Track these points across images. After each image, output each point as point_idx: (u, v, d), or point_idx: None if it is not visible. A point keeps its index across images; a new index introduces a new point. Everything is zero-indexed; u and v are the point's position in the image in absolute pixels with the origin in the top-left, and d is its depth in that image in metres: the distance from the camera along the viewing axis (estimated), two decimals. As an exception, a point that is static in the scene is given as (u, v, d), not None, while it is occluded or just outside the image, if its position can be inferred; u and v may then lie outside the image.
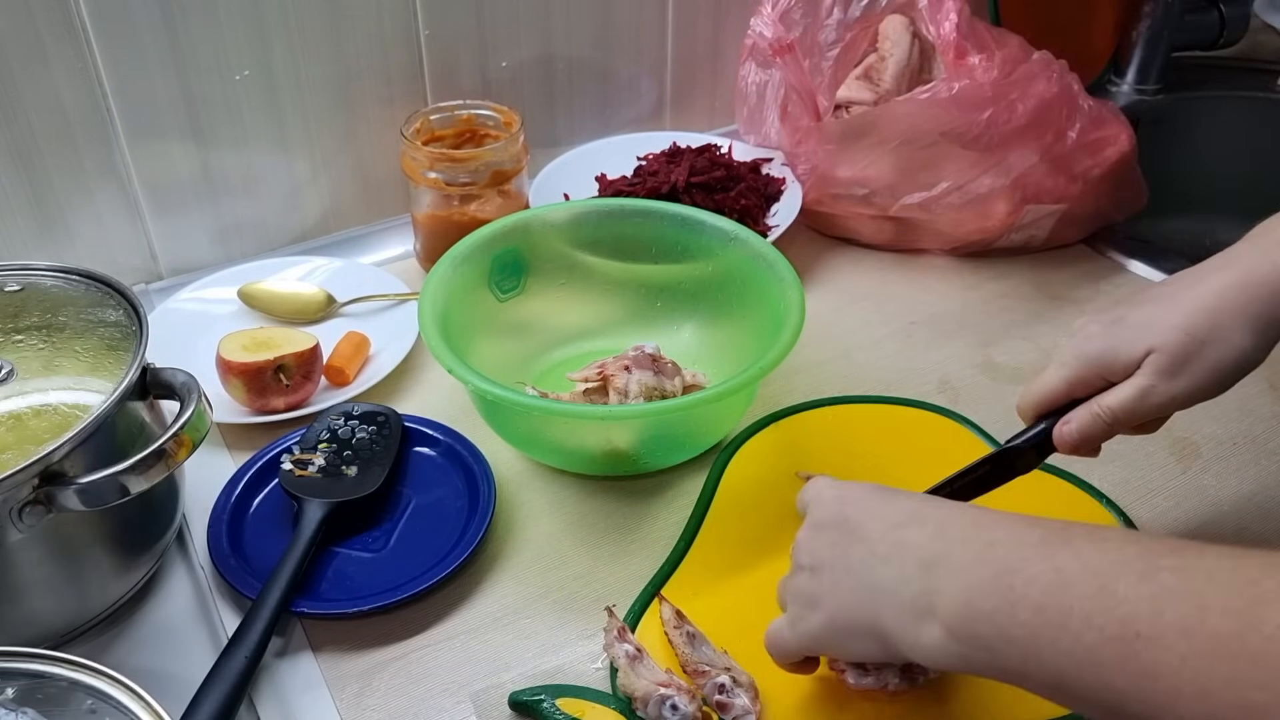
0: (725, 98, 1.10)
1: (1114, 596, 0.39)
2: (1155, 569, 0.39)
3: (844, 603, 0.49)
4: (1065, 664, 0.40)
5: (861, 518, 0.51)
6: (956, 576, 0.45)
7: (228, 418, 0.76)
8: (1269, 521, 0.70)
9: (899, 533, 0.49)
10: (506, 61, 0.98)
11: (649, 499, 0.72)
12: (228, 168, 0.90)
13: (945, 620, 0.44)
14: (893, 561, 0.48)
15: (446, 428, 0.74)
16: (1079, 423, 0.58)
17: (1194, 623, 0.37)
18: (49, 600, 0.60)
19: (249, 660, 0.58)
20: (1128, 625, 0.38)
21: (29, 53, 0.78)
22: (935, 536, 0.47)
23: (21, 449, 0.55)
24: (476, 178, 0.88)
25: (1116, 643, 0.38)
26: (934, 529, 0.47)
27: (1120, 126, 0.93)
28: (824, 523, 0.52)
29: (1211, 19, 1.19)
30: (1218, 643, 0.36)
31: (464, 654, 0.62)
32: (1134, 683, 0.38)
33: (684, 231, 0.80)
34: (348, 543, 0.68)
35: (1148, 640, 0.38)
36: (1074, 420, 0.58)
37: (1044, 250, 0.97)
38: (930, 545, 0.47)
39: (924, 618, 0.45)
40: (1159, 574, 0.39)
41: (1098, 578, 0.40)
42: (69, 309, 0.64)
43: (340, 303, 0.88)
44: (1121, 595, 0.39)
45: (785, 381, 0.81)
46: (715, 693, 0.57)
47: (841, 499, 0.53)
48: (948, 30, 0.90)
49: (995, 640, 0.43)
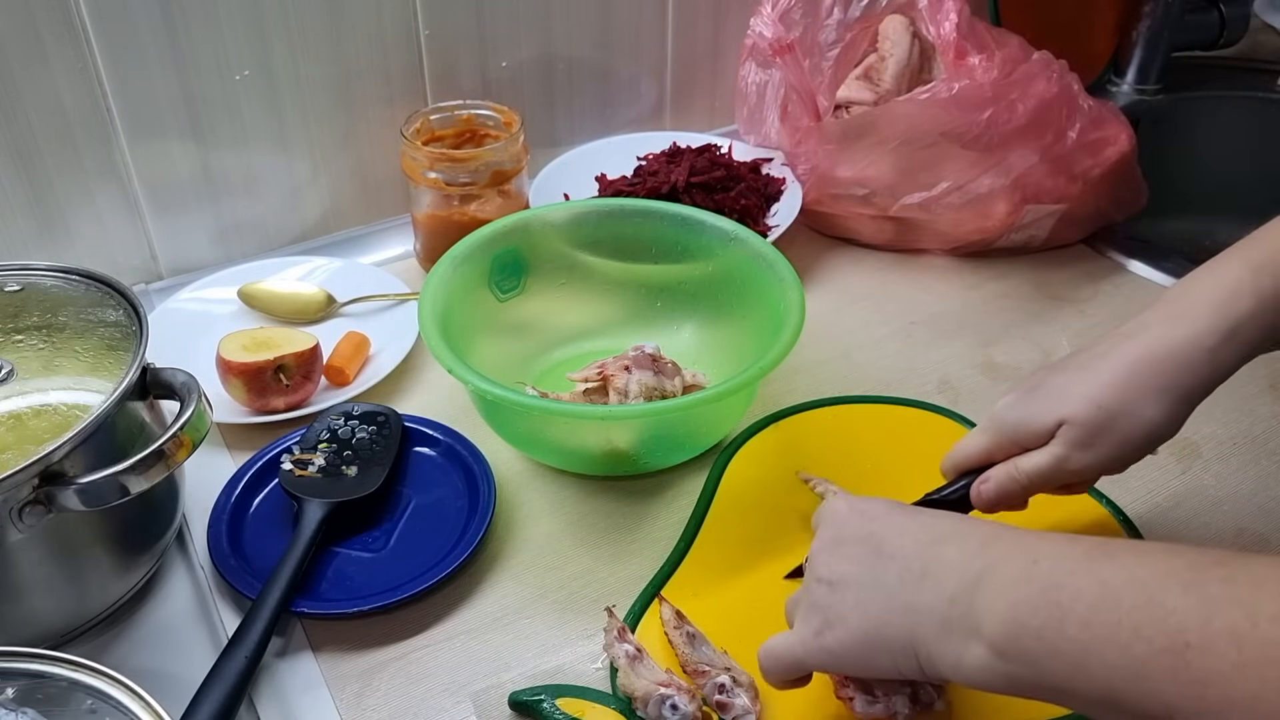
0: (725, 98, 1.10)
1: (1162, 608, 0.39)
2: (1202, 579, 0.39)
3: (874, 619, 0.48)
4: (1114, 678, 0.40)
5: (888, 533, 0.50)
6: (1002, 594, 0.44)
7: (228, 418, 0.76)
8: (1269, 521, 0.70)
9: (936, 549, 0.48)
10: (506, 61, 0.98)
11: (649, 499, 0.72)
12: (228, 168, 0.90)
13: (991, 638, 0.44)
14: (930, 578, 0.47)
15: (446, 428, 0.74)
16: (996, 483, 0.59)
17: (1244, 629, 0.37)
18: (49, 600, 0.60)
19: (249, 660, 0.58)
20: (1177, 636, 0.38)
21: (29, 53, 0.78)
22: (977, 554, 0.46)
23: (21, 449, 0.55)
24: (476, 178, 0.88)
25: (1166, 654, 0.38)
26: (975, 546, 0.47)
27: (1120, 126, 0.93)
28: (846, 538, 0.51)
29: (1211, 19, 1.19)
30: (1269, 649, 0.36)
31: (464, 654, 0.62)
32: (1184, 693, 0.38)
33: (684, 231, 0.80)
34: (348, 543, 0.68)
35: (1198, 650, 0.37)
36: (992, 480, 0.59)
37: (1044, 250, 0.97)
38: (973, 563, 0.46)
39: (968, 637, 0.44)
40: (1206, 584, 0.39)
41: (1145, 590, 0.40)
42: (69, 309, 0.64)
43: (340, 303, 0.88)
44: (1170, 606, 0.39)
45: (785, 381, 0.81)
46: (715, 693, 0.57)
47: (863, 514, 0.52)
48: (948, 30, 0.90)
49: (1043, 656, 0.42)
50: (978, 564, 0.46)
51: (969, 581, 0.45)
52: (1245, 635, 0.37)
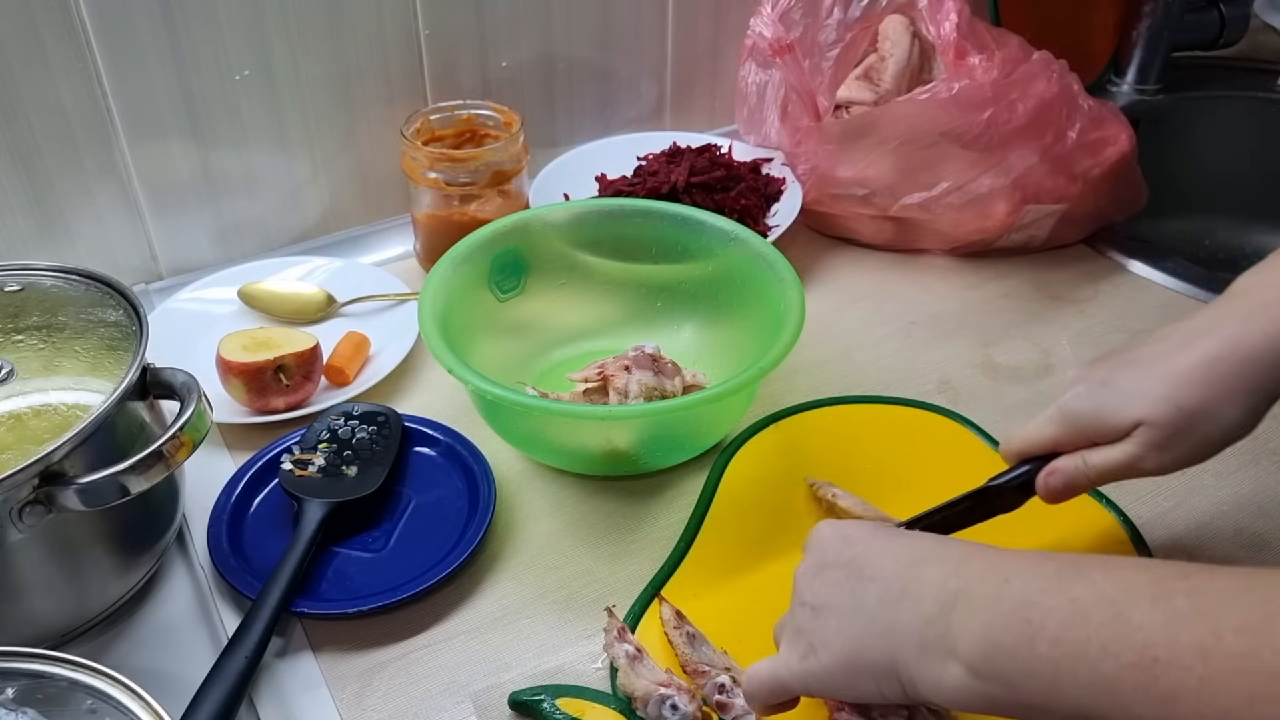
0: (725, 98, 1.10)
1: (1129, 623, 0.39)
2: (1168, 593, 0.39)
3: (856, 642, 0.48)
4: (1085, 695, 0.40)
5: (869, 556, 0.50)
6: (976, 614, 0.44)
7: (228, 418, 0.76)
8: (1269, 521, 0.70)
9: (915, 570, 0.48)
10: (506, 61, 0.98)
11: (649, 499, 0.72)
12: (228, 168, 0.90)
13: (966, 658, 0.44)
14: (909, 599, 0.47)
15: (446, 428, 0.74)
16: (1065, 476, 0.58)
17: (1209, 643, 0.37)
18: (49, 600, 0.60)
19: (249, 660, 0.58)
20: (1144, 651, 0.38)
21: (29, 53, 0.78)
22: (953, 574, 0.46)
23: (21, 449, 0.55)
24: (476, 178, 0.88)
25: (1134, 669, 0.38)
26: (952, 566, 0.47)
27: (1120, 126, 0.93)
28: (829, 562, 0.51)
29: (1211, 19, 1.19)
30: (1234, 661, 0.36)
31: (464, 654, 0.62)
32: (1155, 708, 0.38)
33: (684, 231, 0.80)
34: (348, 543, 0.68)
35: (1165, 665, 0.37)
36: (1059, 474, 0.59)
37: (1044, 250, 0.97)
38: (949, 583, 0.46)
39: (946, 657, 0.44)
40: (1172, 598, 0.39)
41: (1113, 606, 0.40)
42: (69, 309, 0.64)
43: (340, 303, 0.88)
44: (1137, 622, 0.39)
45: (785, 381, 0.81)
46: (715, 693, 0.57)
47: (845, 538, 0.52)
48: (948, 30, 0.90)
49: (1016, 675, 0.42)
50: (954, 583, 0.46)
51: (945, 602, 0.45)
52: (1211, 648, 0.37)
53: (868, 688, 0.48)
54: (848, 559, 0.51)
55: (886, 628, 0.47)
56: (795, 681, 0.51)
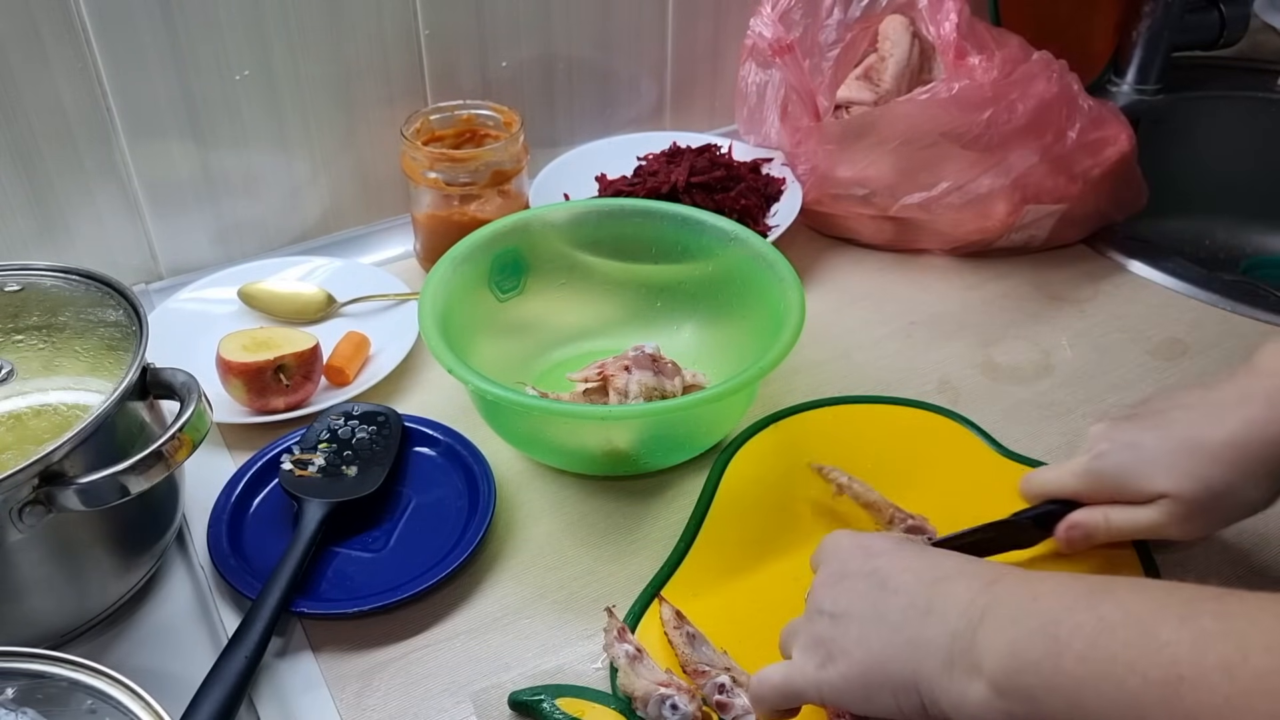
0: (725, 98, 1.10)
1: (1156, 640, 0.39)
2: (1197, 613, 0.39)
3: (878, 653, 0.48)
4: (1110, 713, 0.40)
5: (893, 569, 0.50)
6: (1002, 630, 0.44)
7: (228, 418, 0.76)
8: (1269, 521, 0.70)
9: (942, 586, 0.48)
10: (506, 61, 0.98)
11: (649, 499, 0.72)
12: (228, 168, 0.90)
13: (991, 675, 0.44)
14: (935, 614, 0.47)
15: (446, 428, 0.74)
16: (1087, 531, 0.61)
17: (1236, 661, 0.37)
18: (49, 600, 0.60)
19: (249, 660, 0.58)
20: (1170, 669, 0.38)
21: (29, 53, 0.78)
22: (983, 591, 0.46)
23: (21, 449, 0.55)
24: (476, 178, 0.88)
25: (1160, 686, 0.38)
26: (981, 585, 0.47)
27: (1120, 126, 0.93)
28: (850, 572, 0.51)
29: (1211, 19, 1.19)
30: (1260, 680, 0.36)
31: (464, 654, 0.62)
32: None
33: (684, 231, 0.80)
34: (348, 543, 0.68)
35: (1191, 683, 0.38)
36: (1082, 527, 0.61)
37: (1044, 250, 0.97)
38: (978, 599, 0.46)
39: (970, 674, 0.44)
40: (1200, 617, 0.39)
41: (1140, 624, 0.40)
42: (69, 309, 0.64)
43: (340, 303, 0.88)
44: (1164, 639, 0.39)
45: (785, 381, 0.81)
46: (715, 693, 0.57)
47: (867, 550, 0.52)
48: (948, 30, 0.90)
49: (1040, 691, 0.42)
50: (983, 600, 0.46)
51: (972, 618, 0.45)
52: (1237, 667, 0.37)
53: (884, 701, 0.48)
54: (870, 570, 0.51)
55: (911, 640, 0.47)
56: (810, 689, 0.50)
